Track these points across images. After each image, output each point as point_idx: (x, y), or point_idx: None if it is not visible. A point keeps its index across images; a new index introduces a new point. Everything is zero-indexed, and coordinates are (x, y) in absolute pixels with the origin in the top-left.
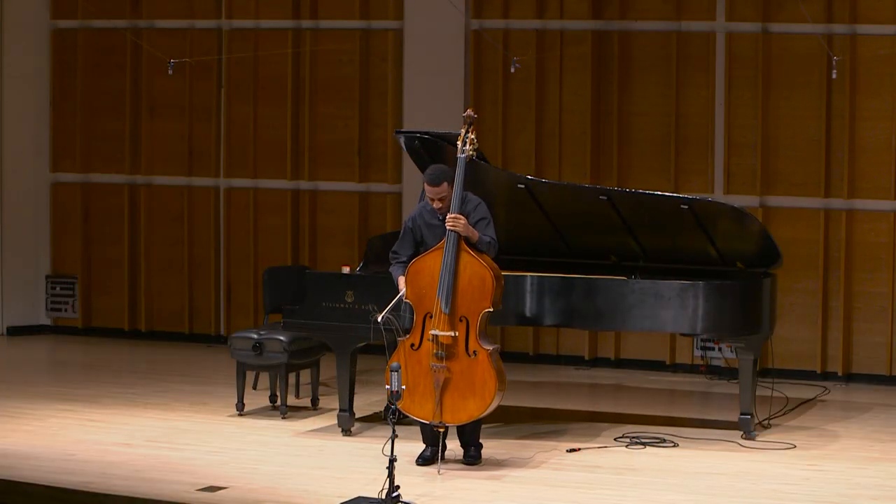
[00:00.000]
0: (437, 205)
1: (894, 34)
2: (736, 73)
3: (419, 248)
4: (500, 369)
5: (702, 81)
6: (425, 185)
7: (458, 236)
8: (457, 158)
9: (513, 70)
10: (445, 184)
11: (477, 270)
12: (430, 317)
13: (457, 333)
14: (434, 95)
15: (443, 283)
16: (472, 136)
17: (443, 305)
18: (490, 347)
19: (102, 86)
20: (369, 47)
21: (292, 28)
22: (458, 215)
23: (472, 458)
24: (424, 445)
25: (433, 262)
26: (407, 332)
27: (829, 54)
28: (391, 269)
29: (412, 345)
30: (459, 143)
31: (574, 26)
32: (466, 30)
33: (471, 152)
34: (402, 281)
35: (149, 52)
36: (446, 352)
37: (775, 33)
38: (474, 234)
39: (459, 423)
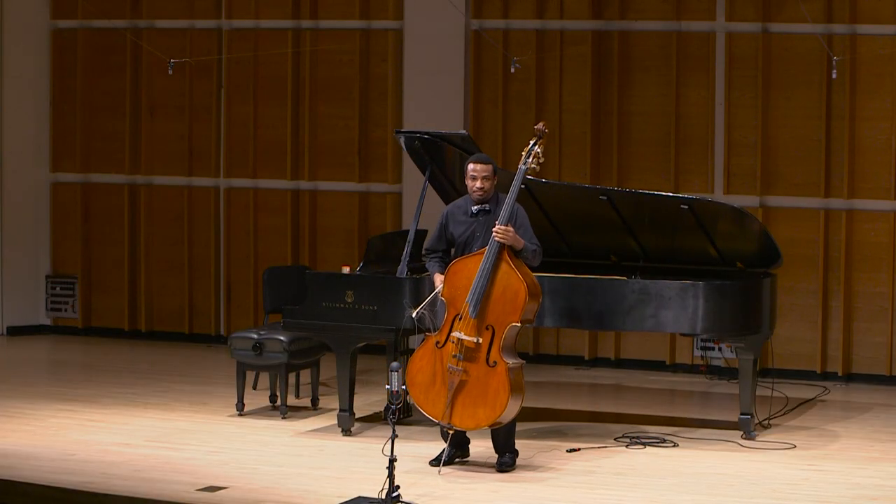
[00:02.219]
0: (477, 184)
1: (894, 34)
2: (736, 73)
3: (450, 244)
4: (517, 384)
5: (702, 81)
6: (470, 164)
7: (502, 246)
8: (518, 169)
9: (513, 70)
10: (491, 167)
11: (512, 283)
12: (459, 318)
13: (480, 340)
14: (434, 95)
15: (475, 288)
16: (538, 150)
17: (471, 310)
18: (511, 361)
19: (102, 86)
20: (369, 47)
21: (292, 28)
22: (508, 227)
23: (505, 464)
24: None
25: (473, 265)
26: (438, 329)
27: (829, 54)
28: (427, 265)
29: (437, 342)
30: (524, 153)
31: (574, 26)
32: (466, 30)
33: (533, 166)
34: (438, 278)
35: (149, 52)
36: (466, 356)
37: (775, 33)
38: (519, 242)
39: (466, 429)
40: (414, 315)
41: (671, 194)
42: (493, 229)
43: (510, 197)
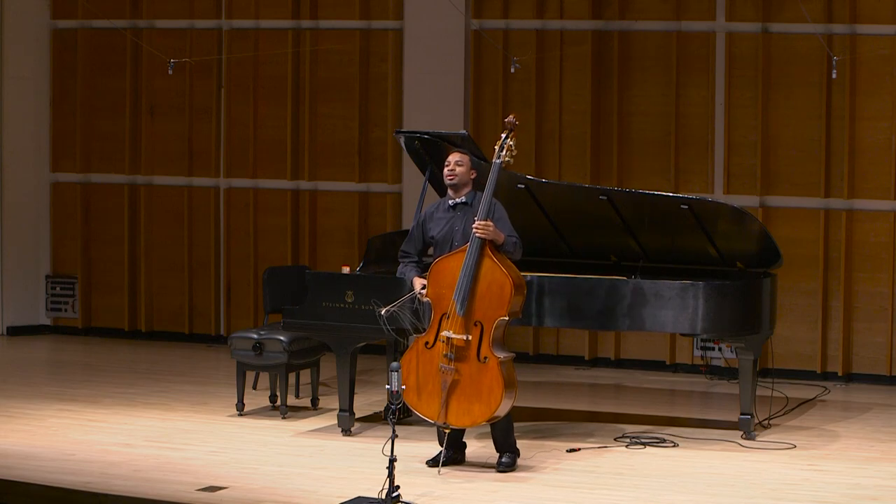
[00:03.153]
0: (448, 168)
1: (894, 34)
2: (736, 73)
3: (427, 245)
4: (510, 378)
5: (702, 81)
6: (448, 156)
7: (483, 241)
8: (492, 163)
9: (513, 70)
10: (467, 157)
11: (497, 277)
12: (447, 317)
13: (470, 337)
14: (434, 95)
15: (460, 285)
16: (511, 143)
17: (458, 308)
18: (502, 356)
19: (102, 86)
20: (369, 47)
21: (292, 28)
22: (488, 222)
23: (505, 464)
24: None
25: (456, 264)
26: (418, 330)
27: (829, 54)
28: (401, 269)
29: (426, 343)
30: (497, 147)
31: (574, 26)
32: (466, 30)
33: (507, 159)
34: (417, 282)
35: (149, 52)
36: (457, 354)
37: (775, 33)
38: (500, 236)
39: (463, 427)
40: (384, 312)
41: (671, 194)
42: (473, 226)
43: (487, 191)
